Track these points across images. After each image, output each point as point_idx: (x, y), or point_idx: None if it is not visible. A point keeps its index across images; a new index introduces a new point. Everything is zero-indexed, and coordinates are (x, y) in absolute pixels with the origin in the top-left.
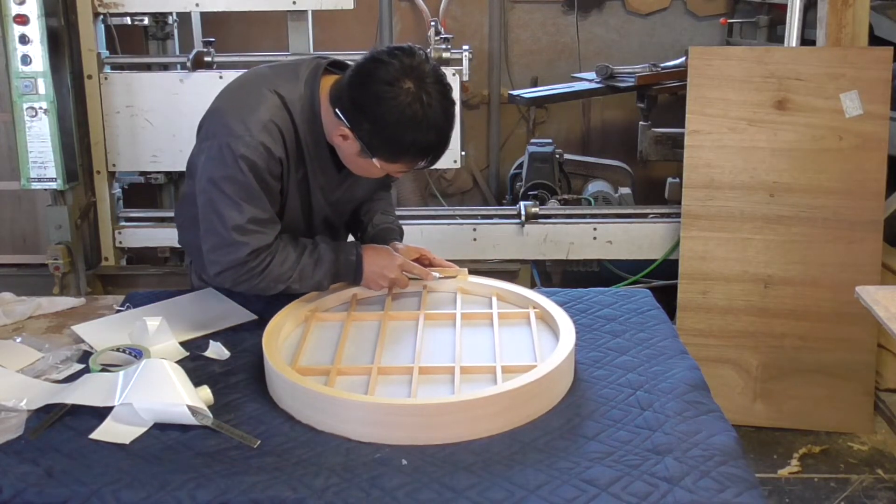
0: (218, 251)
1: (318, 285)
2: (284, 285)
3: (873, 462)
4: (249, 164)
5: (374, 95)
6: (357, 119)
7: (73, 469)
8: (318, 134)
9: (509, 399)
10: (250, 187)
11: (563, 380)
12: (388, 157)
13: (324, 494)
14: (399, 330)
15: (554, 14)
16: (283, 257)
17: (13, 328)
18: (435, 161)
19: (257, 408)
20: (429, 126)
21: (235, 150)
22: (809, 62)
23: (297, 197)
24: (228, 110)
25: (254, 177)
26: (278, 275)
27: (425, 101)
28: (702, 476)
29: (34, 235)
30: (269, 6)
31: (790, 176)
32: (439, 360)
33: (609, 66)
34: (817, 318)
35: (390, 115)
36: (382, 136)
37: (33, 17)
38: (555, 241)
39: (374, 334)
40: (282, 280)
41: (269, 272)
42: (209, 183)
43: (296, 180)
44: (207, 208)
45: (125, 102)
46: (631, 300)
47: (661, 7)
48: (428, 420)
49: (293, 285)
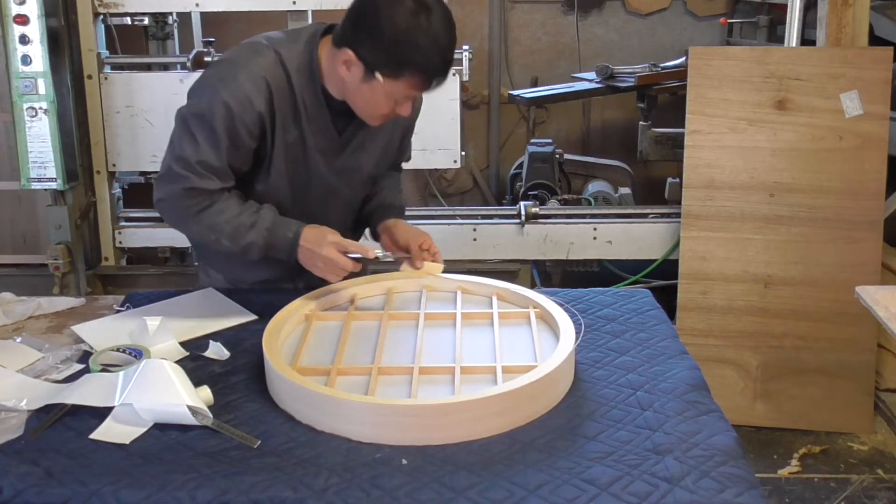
0: (161, 179)
1: (249, 249)
2: (215, 236)
3: (873, 462)
4: (225, 108)
5: (374, 8)
6: (358, 36)
7: (73, 469)
8: (316, 93)
9: (510, 399)
10: (216, 131)
11: (563, 380)
12: (389, 71)
13: (324, 494)
14: (399, 330)
15: (554, 14)
16: (221, 207)
17: (13, 328)
18: (438, 81)
19: (257, 408)
20: (430, 35)
21: (217, 92)
22: (809, 62)
23: (287, 159)
24: (224, 60)
25: (225, 123)
26: (211, 223)
27: (425, 15)
28: (702, 476)
29: (34, 235)
30: (269, 6)
31: (790, 176)
32: (439, 361)
33: (609, 66)
34: (817, 318)
35: (390, 24)
36: (383, 45)
37: (33, 17)
38: (555, 241)
39: (375, 334)
40: (214, 230)
41: (204, 217)
42: (179, 115)
43: (286, 142)
44: (171, 138)
45: (125, 102)
46: (631, 300)
47: (661, 7)
48: (428, 421)
49: (223, 240)
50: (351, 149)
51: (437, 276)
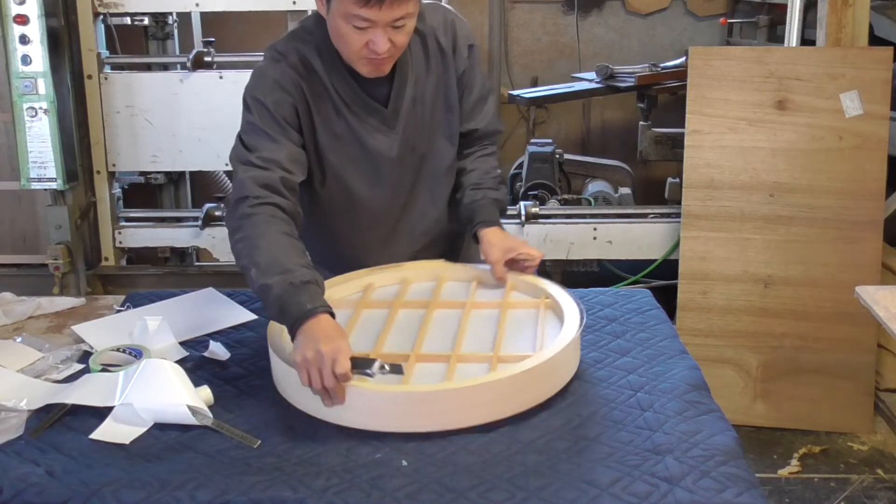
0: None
1: (263, 293)
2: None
3: (873, 462)
4: (261, 104)
5: None
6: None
7: (73, 469)
8: (341, 74)
9: (504, 387)
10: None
11: (559, 371)
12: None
13: (324, 495)
14: (407, 318)
15: (554, 14)
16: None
17: (13, 328)
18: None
19: (257, 408)
20: None
21: (250, 91)
22: (809, 62)
23: (338, 148)
24: (255, 68)
25: (271, 112)
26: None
27: None
28: (702, 476)
29: (34, 235)
30: (269, 6)
31: (790, 176)
32: (440, 349)
33: (609, 66)
34: (817, 318)
35: None
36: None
37: (33, 17)
38: (555, 241)
39: (383, 322)
40: (242, 258)
41: (248, 227)
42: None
43: (335, 134)
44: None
45: (125, 102)
46: (631, 300)
47: (661, 7)
48: (422, 408)
49: (247, 262)
50: (403, 124)
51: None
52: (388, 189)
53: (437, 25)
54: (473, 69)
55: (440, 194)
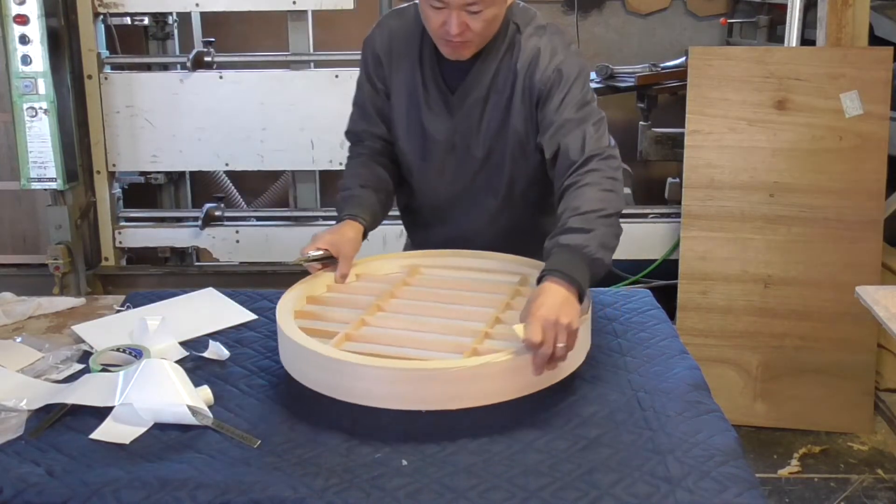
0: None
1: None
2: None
3: (873, 462)
4: (362, 55)
5: None
6: None
7: (73, 469)
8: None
9: (507, 369)
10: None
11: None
12: None
13: (324, 494)
14: (413, 300)
15: (554, 14)
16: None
17: (13, 328)
18: None
19: (257, 407)
20: None
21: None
22: (809, 62)
23: (405, 103)
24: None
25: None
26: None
27: None
28: (702, 476)
29: (34, 235)
30: (269, 6)
31: (790, 176)
32: (441, 332)
33: (609, 66)
34: (817, 318)
35: None
36: None
37: (33, 17)
38: None
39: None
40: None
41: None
42: None
43: (405, 84)
44: None
45: (125, 102)
46: (631, 300)
47: (661, 7)
48: (409, 387)
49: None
50: (462, 115)
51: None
52: (433, 170)
53: (544, 67)
54: (564, 92)
55: (506, 205)
